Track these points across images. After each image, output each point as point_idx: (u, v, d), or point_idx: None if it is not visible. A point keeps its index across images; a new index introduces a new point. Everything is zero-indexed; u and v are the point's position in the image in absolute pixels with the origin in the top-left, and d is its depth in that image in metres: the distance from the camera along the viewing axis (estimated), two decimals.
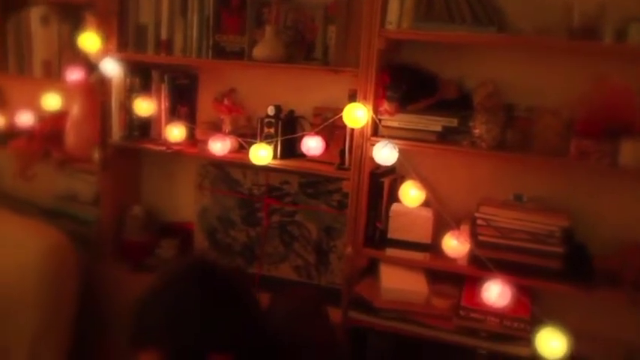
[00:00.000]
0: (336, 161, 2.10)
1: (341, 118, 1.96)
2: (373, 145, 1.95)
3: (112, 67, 2.29)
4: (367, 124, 1.96)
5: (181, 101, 2.40)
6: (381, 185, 2.05)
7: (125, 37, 2.32)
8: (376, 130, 1.99)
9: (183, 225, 2.52)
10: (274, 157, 2.15)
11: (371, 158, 1.98)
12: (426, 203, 2.00)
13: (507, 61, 2.03)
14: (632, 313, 1.91)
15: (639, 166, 1.75)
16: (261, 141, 2.15)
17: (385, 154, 1.91)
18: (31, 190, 2.66)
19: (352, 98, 1.98)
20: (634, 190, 1.95)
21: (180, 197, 2.56)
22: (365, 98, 1.95)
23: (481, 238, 1.92)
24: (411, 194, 1.98)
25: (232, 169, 2.31)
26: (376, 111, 1.97)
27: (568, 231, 1.88)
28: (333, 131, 2.11)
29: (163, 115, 2.35)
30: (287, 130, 2.18)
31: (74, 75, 2.38)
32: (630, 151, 1.75)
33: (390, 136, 1.95)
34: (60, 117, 2.51)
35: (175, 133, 2.28)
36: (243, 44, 2.18)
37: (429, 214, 2.02)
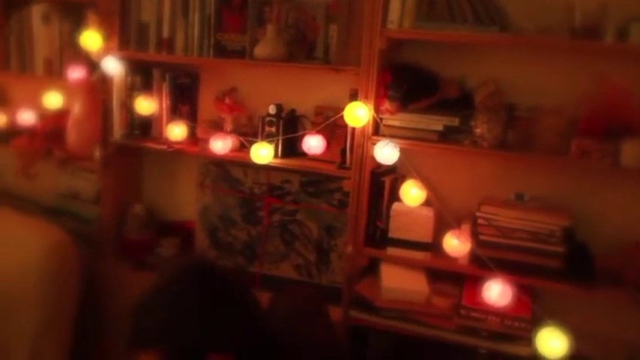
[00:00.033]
0: (337, 160, 2.10)
1: (342, 117, 1.96)
2: (374, 144, 1.95)
3: (113, 66, 2.29)
4: (368, 123, 1.96)
5: (182, 100, 2.40)
6: (382, 184, 2.05)
7: (126, 35, 2.32)
8: (377, 129, 1.99)
9: (184, 224, 2.52)
10: (275, 155, 2.15)
11: (372, 157, 1.98)
12: (426, 202, 2.00)
13: (509, 61, 2.02)
14: (634, 313, 1.90)
15: None
16: (263, 140, 2.15)
17: (386, 153, 1.92)
18: (32, 188, 2.67)
19: (353, 97, 1.98)
20: (635, 189, 1.95)
21: (181, 196, 2.56)
22: (366, 97, 1.95)
23: (482, 237, 1.92)
24: (411, 193, 1.98)
25: (233, 168, 2.31)
26: (377, 110, 1.97)
27: (569, 230, 1.88)
28: (334, 130, 2.11)
29: (164, 113, 2.36)
30: (288, 129, 2.18)
31: (76, 73, 2.38)
32: (631, 151, 1.75)
33: (391, 136, 1.95)
34: (61, 115, 2.51)
35: (176, 131, 2.29)
36: (244, 43, 2.18)
37: (429, 213, 2.02)
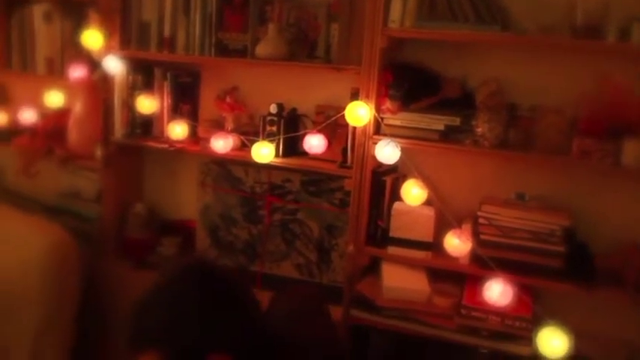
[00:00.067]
0: (338, 159, 2.10)
1: (343, 116, 1.96)
2: (375, 143, 1.95)
3: (114, 65, 2.29)
4: (369, 122, 1.96)
5: (184, 99, 2.40)
6: (383, 184, 2.05)
7: (128, 34, 2.32)
8: (378, 128, 1.99)
9: (185, 223, 2.52)
10: (276, 155, 2.15)
11: (373, 157, 1.98)
12: (428, 202, 2.00)
13: (510, 60, 2.02)
14: (634, 313, 1.90)
15: None
16: (264, 139, 2.15)
17: (387, 152, 1.91)
18: (34, 187, 2.67)
19: (355, 96, 1.98)
20: (636, 189, 1.95)
21: (183, 195, 2.56)
22: (367, 96, 1.95)
23: (483, 236, 1.92)
24: (413, 193, 1.98)
25: (234, 167, 2.31)
26: (378, 109, 1.97)
27: (570, 230, 1.88)
28: (335, 129, 2.11)
29: (166, 112, 2.36)
30: (289, 128, 2.18)
31: (77, 72, 2.38)
32: (633, 151, 1.75)
33: (392, 135, 1.95)
34: (62, 114, 2.51)
35: (177, 130, 2.29)
36: (245, 42, 2.18)
37: (430, 212, 2.02)
